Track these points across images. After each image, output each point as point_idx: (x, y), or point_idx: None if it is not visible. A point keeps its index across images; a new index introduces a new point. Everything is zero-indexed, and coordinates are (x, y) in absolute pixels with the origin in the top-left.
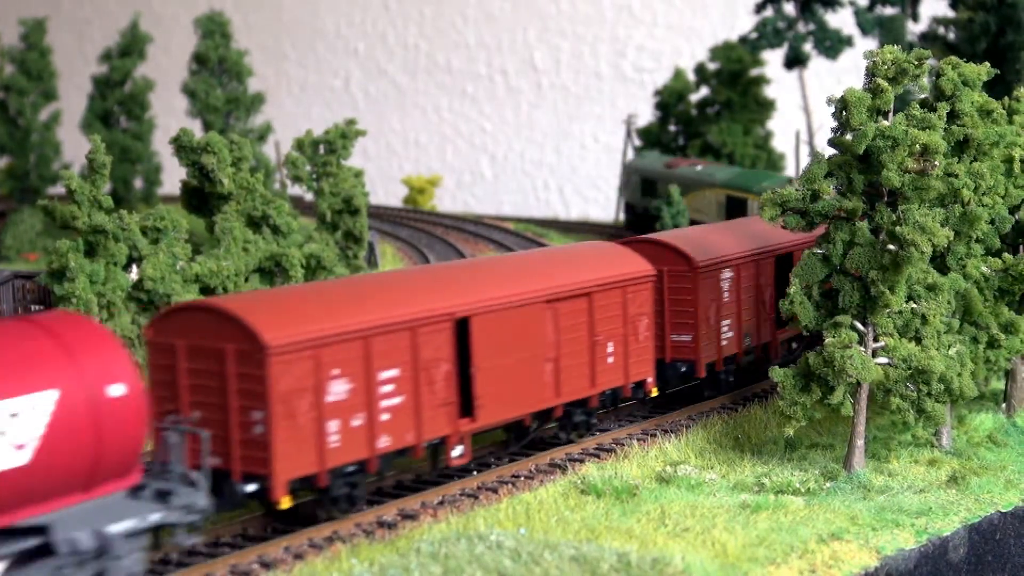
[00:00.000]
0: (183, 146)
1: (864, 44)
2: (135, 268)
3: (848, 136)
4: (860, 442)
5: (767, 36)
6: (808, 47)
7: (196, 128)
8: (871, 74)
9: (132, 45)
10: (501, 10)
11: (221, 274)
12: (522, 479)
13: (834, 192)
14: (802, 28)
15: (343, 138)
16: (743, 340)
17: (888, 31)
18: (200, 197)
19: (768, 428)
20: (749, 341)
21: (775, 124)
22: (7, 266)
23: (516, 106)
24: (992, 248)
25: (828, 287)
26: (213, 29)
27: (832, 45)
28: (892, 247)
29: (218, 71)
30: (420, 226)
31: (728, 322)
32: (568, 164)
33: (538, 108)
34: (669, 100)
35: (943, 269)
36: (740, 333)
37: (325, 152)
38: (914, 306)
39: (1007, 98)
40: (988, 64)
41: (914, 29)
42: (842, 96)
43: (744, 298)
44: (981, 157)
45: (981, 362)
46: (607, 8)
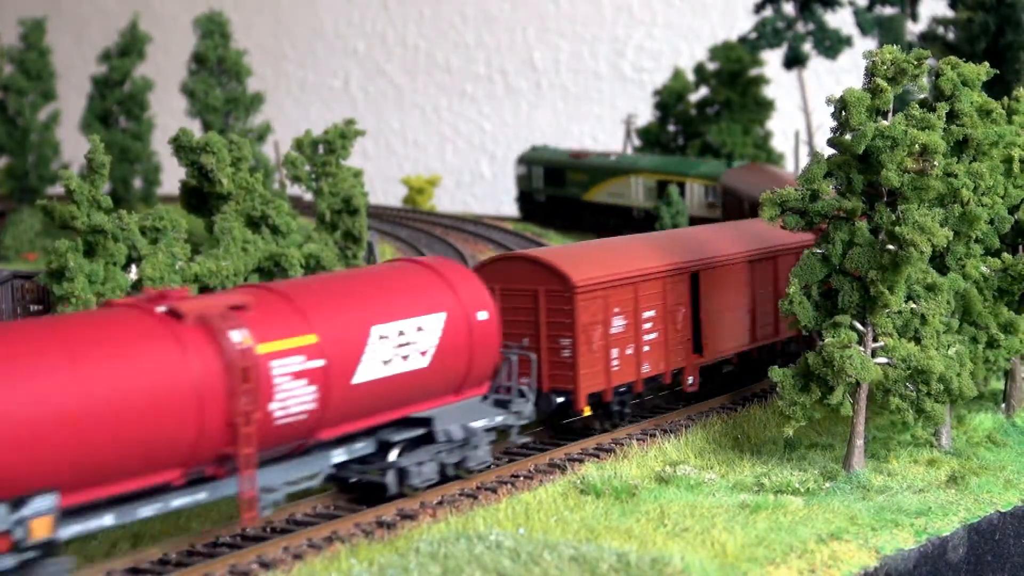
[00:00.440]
0: (182, 146)
1: (863, 44)
2: (134, 268)
3: (847, 136)
4: (859, 442)
5: (766, 36)
6: (807, 47)
7: (195, 128)
8: (870, 74)
9: (131, 45)
10: (500, 10)
11: (220, 274)
12: (521, 479)
13: (833, 192)
14: (801, 28)
15: (342, 138)
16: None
17: (887, 31)
18: (199, 197)
19: (767, 428)
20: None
21: (774, 124)
22: (6, 266)
23: (515, 106)
24: (991, 248)
25: (827, 287)
26: (212, 29)
27: (831, 45)
28: (891, 247)
29: (217, 71)
30: (419, 226)
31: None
32: None
33: (537, 108)
34: (668, 100)
35: (942, 269)
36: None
37: (324, 152)
38: (913, 306)
39: (1006, 98)
40: (987, 64)
41: (913, 29)
42: (841, 96)
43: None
44: (980, 157)
45: (980, 362)
46: (606, 8)
